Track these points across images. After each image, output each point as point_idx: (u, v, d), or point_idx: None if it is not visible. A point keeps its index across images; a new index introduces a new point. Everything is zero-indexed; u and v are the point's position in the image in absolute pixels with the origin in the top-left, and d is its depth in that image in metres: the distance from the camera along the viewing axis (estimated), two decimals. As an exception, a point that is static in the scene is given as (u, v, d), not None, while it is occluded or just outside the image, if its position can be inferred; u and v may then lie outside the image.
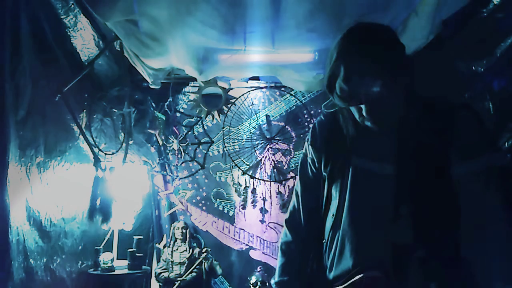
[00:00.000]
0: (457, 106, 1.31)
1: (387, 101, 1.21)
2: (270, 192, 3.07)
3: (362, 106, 1.24)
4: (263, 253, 3.06)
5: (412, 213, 1.24)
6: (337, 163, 1.38)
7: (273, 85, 3.10)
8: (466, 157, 1.23)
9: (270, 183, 3.07)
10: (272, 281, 1.52)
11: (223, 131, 3.12)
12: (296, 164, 1.62)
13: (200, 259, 2.88)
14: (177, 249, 2.93)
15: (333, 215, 1.38)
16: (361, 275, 1.26)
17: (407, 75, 1.23)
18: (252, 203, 3.06)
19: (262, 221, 3.07)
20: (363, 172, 1.32)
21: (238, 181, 3.08)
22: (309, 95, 3.04)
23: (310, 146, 1.49)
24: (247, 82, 3.08)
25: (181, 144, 3.12)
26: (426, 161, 1.24)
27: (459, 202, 1.23)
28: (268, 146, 3.10)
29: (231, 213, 3.11)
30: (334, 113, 1.41)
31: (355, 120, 1.31)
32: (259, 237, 3.07)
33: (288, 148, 3.09)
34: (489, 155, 1.25)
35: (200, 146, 3.13)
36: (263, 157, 3.11)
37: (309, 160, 1.50)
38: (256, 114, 3.12)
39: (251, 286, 2.85)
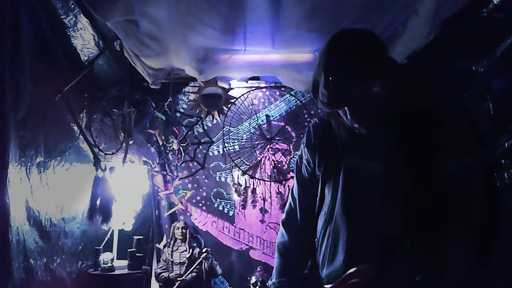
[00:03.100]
0: (445, 105, 1.33)
1: (371, 103, 1.23)
2: (270, 192, 3.07)
3: (346, 110, 1.27)
4: (263, 253, 3.06)
5: (400, 208, 1.26)
6: (329, 163, 1.42)
7: (273, 85, 3.10)
8: (453, 154, 1.25)
9: (270, 183, 3.07)
10: (270, 282, 1.53)
11: (223, 131, 3.12)
12: (296, 164, 1.67)
13: (200, 259, 2.88)
14: (177, 249, 2.93)
15: (325, 213, 1.42)
16: (351, 270, 1.27)
17: (391, 77, 1.24)
18: (252, 203, 3.06)
19: (262, 221, 3.08)
20: (353, 171, 1.35)
21: (238, 181, 3.08)
22: (309, 95, 3.04)
23: (305, 148, 1.54)
24: (247, 82, 3.08)
25: (181, 144, 3.12)
26: (414, 159, 1.26)
27: (446, 198, 1.24)
28: (268, 146, 3.10)
29: (231, 213, 3.11)
30: (328, 117, 1.46)
31: (346, 123, 1.34)
32: (259, 237, 3.07)
33: (288, 148, 3.09)
34: (476, 152, 1.26)
35: (200, 146, 3.13)
36: (263, 157, 3.11)
37: (304, 162, 1.56)
38: (256, 114, 3.12)
39: (251, 286, 2.85)
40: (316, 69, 1.30)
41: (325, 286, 1.35)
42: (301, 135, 3.05)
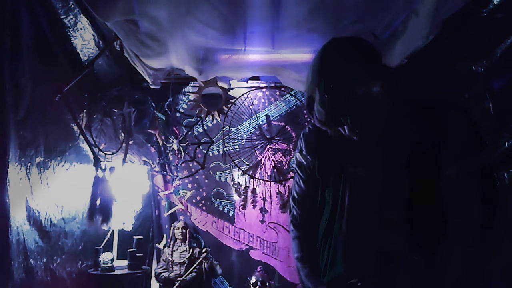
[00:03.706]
0: (445, 107, 1.31)
1: (368, 113, 1.21)
2: (270, 192, 3.07)
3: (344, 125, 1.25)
4: (263, 253, 3.06)
5: (404, 218, 1.25)
6: (329, 169, 1.40)
7: (273, 85, 3.10)
8: (455, 158, 1.24)
9: (270, 183, 3.07)
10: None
11: (223, 131, 3.12)
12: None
13: (200, 259, 2.88)
14: (177, 249, 2.93)
15: (326, 220, 1.39)
16: (352, 281, 1.26)
17: (387, 83, 1.22)
18: (252, 203, 3.06)
19: (262, 221, 3.08)
20: (355, 179, 1.33)
21: (238, 181, 3.08)
22: (309, 95, 3.04)
23: (307, 155, 1.51)
24: (247, 82, 3.08)
25: (181, 144, 3.12)
26: (417, 166, 1.24)
27: (447, 199, 1.23)
28: (268, 146, 3.10)
29: (231, 213, 3.11)
30: None
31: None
32: (259, 237, 3.07)
33: (288, 148, 3.09)
34: (476, 152, 1.25)
35: (200, 146, 3.13)
36: (263, 157, 3.11)
37: (303, 166, 1.53)
38: (256, 114, 3.12)
39: (251, 286, 2.85)
40: (310, 85, 1.28)
41: None
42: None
